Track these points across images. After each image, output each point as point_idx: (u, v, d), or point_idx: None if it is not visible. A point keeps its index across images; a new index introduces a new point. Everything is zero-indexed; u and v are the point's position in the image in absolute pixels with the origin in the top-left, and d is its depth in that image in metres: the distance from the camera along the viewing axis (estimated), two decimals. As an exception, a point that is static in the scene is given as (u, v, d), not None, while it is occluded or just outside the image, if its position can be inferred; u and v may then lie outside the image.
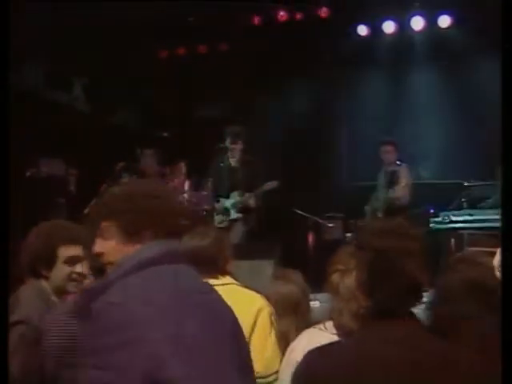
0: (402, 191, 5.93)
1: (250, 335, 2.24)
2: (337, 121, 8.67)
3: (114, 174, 6.72)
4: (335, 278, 1.79)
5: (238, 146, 5.63)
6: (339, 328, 1.77)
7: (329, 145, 8.33)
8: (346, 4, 8.16)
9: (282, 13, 8.52)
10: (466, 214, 5.54)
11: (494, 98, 8.10)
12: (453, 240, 5.44)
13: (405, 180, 6.00)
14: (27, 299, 2.07)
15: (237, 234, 5.58)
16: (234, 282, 2.38)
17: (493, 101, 7.87)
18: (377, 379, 1.36)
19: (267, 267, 4.11)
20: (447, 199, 6.61)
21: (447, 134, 8.16)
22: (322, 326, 1.95)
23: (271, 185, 5.53)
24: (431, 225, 5.68)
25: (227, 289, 2.31)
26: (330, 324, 1.87)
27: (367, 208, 6.40)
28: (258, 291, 2.43)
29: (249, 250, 4.58)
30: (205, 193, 5.91)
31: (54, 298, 2.13)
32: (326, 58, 8.30)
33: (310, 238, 6.84)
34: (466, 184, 6.77)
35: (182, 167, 7.71)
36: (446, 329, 1.49)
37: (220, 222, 5.64)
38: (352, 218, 6.62)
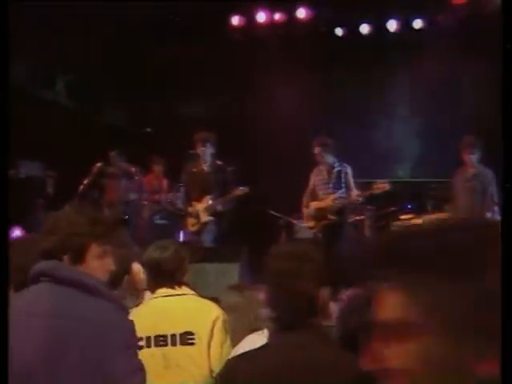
0: (353, 191, 5.92)
1: (209, 342, 2.49)
2: (314, 121, 8.85)
3: (91, 175, 6.83)
4: None
5: (208, 151, 5.78)
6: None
7: (304, 144, 8.49)
8: (325, 6, 8.37)
9: (261, 13, 8.70)
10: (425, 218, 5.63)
11: (466, 99, 8.24)
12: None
13: (352, 180, 5.99)
14: None
15: (208, 237, 5.75)
16: (190, 292, 2.63)
17: (467, 101, 8.08)
18: (279, 382, 1.61)
19: (233, 270, 4.31)
20: (424, 198, 6.71)
21: (424, 133, 8.35)
22: (260, 332, 2.20)
23: (242, 190, 5.70)
24: (392, 228, 5.79)
25: (186, 299, 2.57)
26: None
27: (305, 210, 6.22)
28: (212, 300, 2.67)
29: (217, 253, 4.78)
30: (179, 193, 6.10)
31: None
32: (305, 59, 8.39)
33: (282, 237, 7.05)
34: (432, 184, 6.90)
35: (160, 167, 7.89)
36: (354, 338, 1.73)
37: (192, 225, 5.82)
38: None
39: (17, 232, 5.61)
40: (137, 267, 2.82)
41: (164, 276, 2.56)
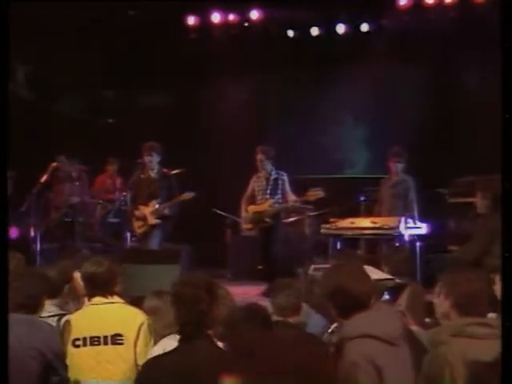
0: (290, 197, 6.25)
1: (135, 344, 3.02)
2: (267, 121, 9.13)
3: (47, 174, 6.84)
4: None
5: (155, 159, 6.19)
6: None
7: (253, 145, 8.85)
8: (277, 8, 8.74)
9: (216, 14, 8.97)
10: (349, 222, 5.95)
11: (404, 102, 8.69)
12: (342, 247, 5.85)
13: (288, 186, 6.29)
14: None
15: (154, 239, 6.15)
16: (120, 300, 3.16)
17: (408, 100, 8.50)
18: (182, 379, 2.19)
19: (175, 271, 4.76)
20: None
21: (368, 133, 8.77)
22: (173, 335, 2.72)
23: (188, 195, 6.11)
24: (322, 230, 6.15)
25: (115, 306, 3.10)
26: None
27: (244, 214, 6.43)
28: (139, 300, 3.24)
29: (158, 255, 5.25)
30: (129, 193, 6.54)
31: None
32: (257, 59, 8.71)
33: (228, 235, 7.51)
34: (367, 186, 7.01)
35: (114, 166, 8.21)
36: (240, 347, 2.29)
37: (139, 228, 6.23)
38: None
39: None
40: (77, 275, 3.33)
41: (98, 287, 3.10)
